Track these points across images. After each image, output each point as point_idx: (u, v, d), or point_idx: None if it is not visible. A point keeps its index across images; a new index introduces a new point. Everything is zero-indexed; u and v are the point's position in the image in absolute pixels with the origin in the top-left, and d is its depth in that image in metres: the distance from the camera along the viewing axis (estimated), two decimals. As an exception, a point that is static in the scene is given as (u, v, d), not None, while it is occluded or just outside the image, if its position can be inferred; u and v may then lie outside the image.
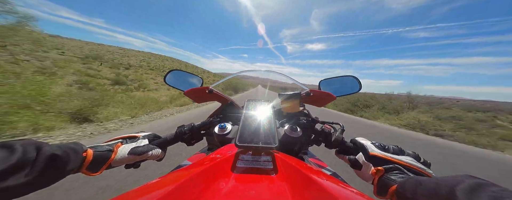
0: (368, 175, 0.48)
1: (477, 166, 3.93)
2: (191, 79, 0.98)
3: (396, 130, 7.94)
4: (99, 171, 0.45)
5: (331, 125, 0.69)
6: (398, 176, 0.41)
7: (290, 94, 0.65)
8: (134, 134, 0.58)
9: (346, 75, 0.87)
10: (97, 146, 0.46)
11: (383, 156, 0.47)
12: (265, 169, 0.40)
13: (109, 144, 0.49)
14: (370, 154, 0.49)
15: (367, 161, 0.49)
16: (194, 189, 0.33)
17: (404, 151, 0.49)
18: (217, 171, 0.39)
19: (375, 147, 0.50)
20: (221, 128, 0.66)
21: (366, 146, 0.52)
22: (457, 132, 8.26)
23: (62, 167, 0.35)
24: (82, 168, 0.41)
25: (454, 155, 4.57)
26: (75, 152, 0.38)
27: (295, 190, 0.33)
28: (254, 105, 0.72)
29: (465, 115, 13.94)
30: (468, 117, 13.07)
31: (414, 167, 0.44)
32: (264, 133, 0.49)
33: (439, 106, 22.69)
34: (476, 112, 24.95)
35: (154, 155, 0.55)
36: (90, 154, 0.42)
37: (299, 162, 0.47)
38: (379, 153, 0.48)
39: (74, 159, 0.37)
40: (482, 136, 7.73)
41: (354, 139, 0.59)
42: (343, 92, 0.85)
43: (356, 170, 0.53)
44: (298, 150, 0.68)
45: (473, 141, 6.67)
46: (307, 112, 0.79)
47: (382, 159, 0.47)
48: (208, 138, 0.80)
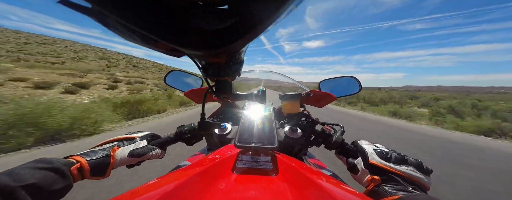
0: (363, 182, 0.48)
1: None
2: (191, 79, 0.98)
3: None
4: (106, 174, 0.45)
5: (332, 127, 0.68)
6: (394, 188, 0.41)
7: (290, 95, 0.65)
8: (131, 135, 0.57)
9: (346, 76, 0.87)
10: (90, 153, 0.45)
11: (382, 166, 0.46)
12: (265, 170, 0.40)
13: (105, 148, 0.49)
14: (369, 162, 0.48)
15: (365, 168, 0.48)
16: (194, 190, 0.32)
17: (407, 159, 0.48)
18: (216, 172, 0.38)
19: (377, 154, 0.49)
20: (221, 128, 0.66)
21: (367, 153, 0.51)
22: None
23: (53, 187, 0.33)
24: (84, 176, 0.41)
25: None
26: (57, 171, 0.35)
27: (295, 191, 0.33)
28: (254, 105, 0.72)
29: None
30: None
31: (413, 178, 0.43)
32: (264, 134, 0.49)
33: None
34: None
35: (154, 155, 0.55)
36: (84, 163, 0.41)
37: (299, 163, 0.47)
38: (379, 162, 0.47)
39: (61, 177, 0.35)
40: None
41: (356, 141, 0.58)
42: (343, 92, 0.85)
43: (352, 174, 0.53)
44: (298, 151, 0.68)
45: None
46: (308, 113, 0.79)
47: (381, 169, 0.46)
48: (208, 138, 0.80)
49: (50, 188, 0.33)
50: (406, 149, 3.87)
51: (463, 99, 15.93)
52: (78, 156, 0.42)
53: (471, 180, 2.59)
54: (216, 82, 0.45)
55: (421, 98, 17.31)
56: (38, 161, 0.35)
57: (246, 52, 0.32)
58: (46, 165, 0.34)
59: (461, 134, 6.21)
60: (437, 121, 8.82)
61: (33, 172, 0.32)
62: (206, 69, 0.34)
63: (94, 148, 0.49)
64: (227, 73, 0.33)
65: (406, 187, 0.41)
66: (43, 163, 0.35)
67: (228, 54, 0.27)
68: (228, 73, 0.33)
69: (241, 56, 0.32)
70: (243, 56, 0.33)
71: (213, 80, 0.44)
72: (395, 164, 0.46)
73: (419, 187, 0.43)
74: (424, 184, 0.43)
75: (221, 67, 0.31)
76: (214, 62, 0.30)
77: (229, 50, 0.24)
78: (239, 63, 0.33)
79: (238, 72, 0.35)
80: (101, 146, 0.50)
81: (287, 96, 0.67)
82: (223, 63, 0.30)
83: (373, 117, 9.28)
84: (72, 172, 0.38)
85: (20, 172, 0.31)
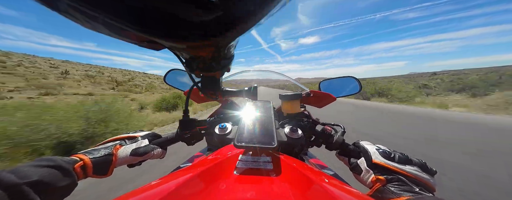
0: (367, 182, 0.47)
1: None
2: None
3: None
4: (108, 173, 0.45)
5: (332, 127, 0.68)
6: (400, 188, 0.40)
7: (290, 95, 0.65)
8: (133, 134, 0.57)
9: (346, 76, 0.87)
10: (93, 151, 0.45)
11: (387, 165, 0.45)
12: (265, 170, 0.40)
13: (107, 146, 0.49)
14: (373, 161, 0.47)
15: (369, 168, 0.47)
16: (194, 190, 0.32)
17: (411, 159, 0.47)
18: (217, 172, 0.38)
19: (380, 153, 0.48)
20: (221, 128, 0.66)
21: (370, 152, 0.50)
22: None
23: (58, 184, 0.33)
24: (87, 174, 0.41)
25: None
26: (61, 168, 0.35)
27: (296, 191, 0.33)
28: (254, 105, 0.72)
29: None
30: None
31: (419, 178, 0.42)
32: (264, 134, 0.49)
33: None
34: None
35: (156, 155, 0.55)
36: (88, 161, 0.41)
37: (300, 163, 0.47)
38: (383, 162, 0.46)
39: (65, 175, 0.35)
40: None
41: (357, 142, 0.58)
42: (343, 92, 0.86)
43: (355, 174, 0.52)
44: (298, 151, 0.68)
45: None
46: (308, 113, 0.79)
47: (385, 168, 0.45)
48: (208, 138, 0.80)
49: (55, 185, 0.33)
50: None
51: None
52: (81, 154, 0.43)
53: None
54: (202, 78, 0.42)
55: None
56: (41, 160, 0.35)
57: (236, 46, 0.30)
58: (49, 163, 0.35)
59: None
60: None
61: (37, 170, 0.32)
62: (189, 64, 0.30)
63: (96, 147, 0.49)
64: (214, 68, 0.30)
65: (412, 188, 0.40)
66: (46, 161, 0.35)
67: (215, 47, 0.25)
68: (215, 68, 0.31)
69: (231, 51, 0.29)
70: (233, 51, 0.30)
71: (199, 76, 0.41)
72: (399, 164, 0.45)
73: (425, 188, 0.42)
74: (430, 185, 0.42)
75: (207, 62, 0.29)
76: (199, 56, 0.27)
77: (216, 44, 0.22)
78: (228, 58, 0.30)
79: (227, 68, 0.32)
80: (104, 144, 0.51)
81: (287, 96, 0.67)
82: (209, 57, 0.28)
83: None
84: (76, 169, 0.38)
85: (24, 169, 0.31)
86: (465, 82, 12.09)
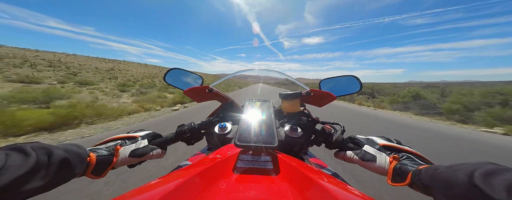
0: (384, 164, 0.47)
1: None
2: (191, 78, 0.97)
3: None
4: (103, 174, 0.45)
5: (332, 126, 0.68)
6: (412, 163, 0.43)
7: (290, 94, 0.65)
8: (133, 134, 0.57)
9: (346, 75, 0.87)
10: (98, 150, 0.45)
11: (394, 145, 0.49)
12: (265, 169, 0.40)
13: (108, 146, 0.49)
14: (381, 144, 0.51)
15: (379, 151, 0.50)
16: (195, 190, 0.32)
17: (400, 141, 0.52)
18: (217, 171, 0.38)
19: (381, 138, 0.53)
20: (221, 127, 0.66)
21: (374, 139, 0.54)
22: None
23: (71, 171, 0.36)
24: (87, 172, 0.41)
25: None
26: (80, 157, 0.39)
27: (296, 191, 0.33)
28: (254, 104, 0.72)
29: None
30: None
31: (417, 153, 0.46)
32: (264, 133, 0.49)
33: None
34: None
35: (155, 155, 0.55)
36: (94, 159, 0.42)
37: (300, 163, 0.47)
38: (390, 143, 0.50)
39: (80, 163, 0.38)
40: None
41: (353, 136, 0.60)
42: (343, 91, 0.85)
43: (368, 162, 0.50)
44: (298, 150, 0.68)
45: None
46: (308, 112, 0.78)
47: (394, 148, 0.49)
48: (208, 138, 0.80)
49: (73, 170, 0.36)
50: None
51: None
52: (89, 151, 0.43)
53: None
54: None
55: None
56: (72, 145, 0.40)
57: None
58: (76, 149, 0.39)
59: None
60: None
61: (66, 149, 0.36)
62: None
63: (97, 146, 0.49)
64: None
65: (418, 161, 0.43)
66: (75, 146, 0.40)
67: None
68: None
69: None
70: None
71: None
72: (400, 144, 0.50)
73: (425, 160, 0.44)
74: (427, 158, 0.45)
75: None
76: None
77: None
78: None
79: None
80: (105, 144, 0.50)
81: (287, 95, 0.67)
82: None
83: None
84: (87, 161, 0.41)
85: (58, 146, 0.36)
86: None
